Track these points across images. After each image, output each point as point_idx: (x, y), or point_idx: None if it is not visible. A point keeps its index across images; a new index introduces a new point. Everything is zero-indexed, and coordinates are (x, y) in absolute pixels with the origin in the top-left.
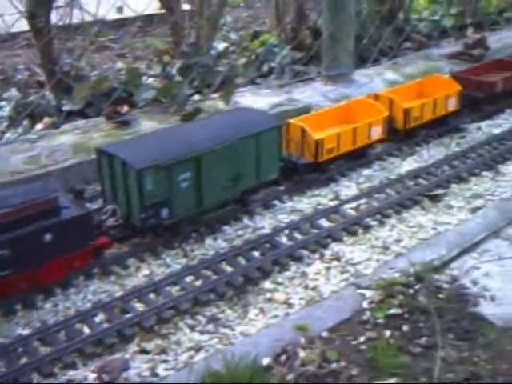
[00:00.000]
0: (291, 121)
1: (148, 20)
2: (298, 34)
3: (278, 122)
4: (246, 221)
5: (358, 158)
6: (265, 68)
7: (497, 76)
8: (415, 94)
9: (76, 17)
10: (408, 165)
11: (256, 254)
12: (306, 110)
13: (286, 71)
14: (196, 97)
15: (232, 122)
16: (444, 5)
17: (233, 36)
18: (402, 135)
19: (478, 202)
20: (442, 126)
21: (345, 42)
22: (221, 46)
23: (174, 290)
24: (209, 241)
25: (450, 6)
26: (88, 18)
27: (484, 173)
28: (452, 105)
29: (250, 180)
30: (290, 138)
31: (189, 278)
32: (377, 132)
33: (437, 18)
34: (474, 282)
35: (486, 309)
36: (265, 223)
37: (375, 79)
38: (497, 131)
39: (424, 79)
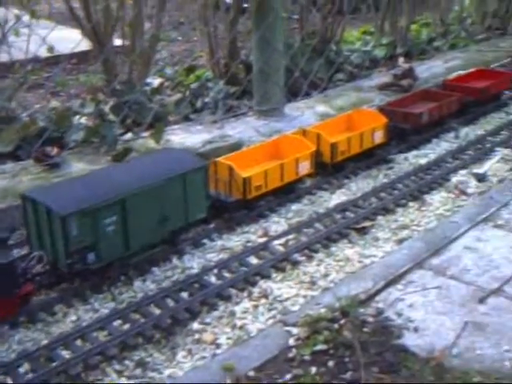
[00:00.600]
0: (219, 159)
1: (83, 56)
2: (230, 69)
3: (204, 162)
4: (175, 261)
5: (287, 193)
6: (199, 103)
7: (423, 107)
8: (343, 127)
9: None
10: (337, 198)
11: (184, 294)
12: (237, 145)
13: (220, 106)
14: (128, 136)
15: (157, 164)
16: (375, 35)
17: (168, 71)
18: (330, 169)
19: (404, 233)
20: (370, 158)
21: (274, 77)
22: (156, 81)
23: (102, 335)
24: (137, 283)
25: (381, 37)
26: (19, 57)
27: (410, 203)
28: (379, 137)
29: (177, 220)
30: (218, 176)
31: (117, 323)
32: (305, 167)
33: (368, 48)
34: (399, 314)
35: (410, 340)
36: (194, 263)
37: (306, 112)
38: (423, 161)
39: (352, 112)
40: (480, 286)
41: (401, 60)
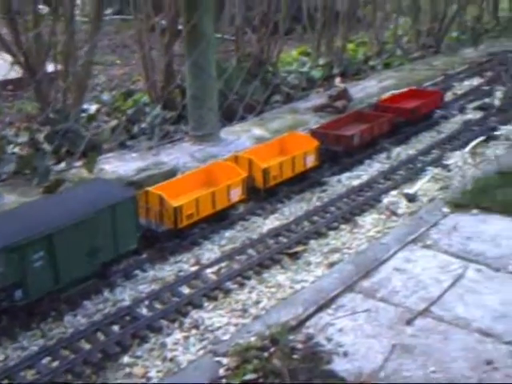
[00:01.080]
0: (149, 189)
1: (19, 82)
2: (166, 93)
3: (133, 193)
4: (106, 294)
5: (220, 219)
6: (135, 129)
7: (355, 129)
8: (276, 152)
9: None
10: (270, 223)
11: (116, 328)
12: (171, 172)
13: (156, 132)
14: (61, 166)
15: (87, 195)
16: (312, 56)
17: (105, 97)
18: (263, 194)
19: (336, 257)
20: (303, 182)
21: (208, 102)
22: (93, 107)
23: (30, 374)
24: (68, 318)
25: (318, 57)
26: None
27: (342, 226)
28: (311, 161)
29: (107, 253)
30: (150, 206)
31: (46, 360)
32: (236, 194)
33: (305, 69)
34: (329, 339)
35: (339, 365)
36: (125, 295)
37: (242, 136)
38: (356, 183)
39: (284, 137)
40: (408, 308)
41: (337, 80)
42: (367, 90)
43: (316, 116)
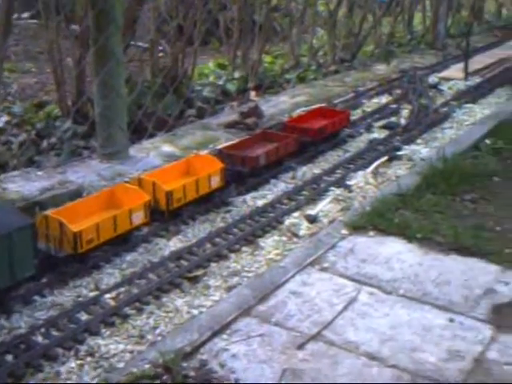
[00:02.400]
0: (48, 213)
1: None
2: (77, 107)
3: (30, 221)
4: (3, 321)
5: (123, 242)
6: (45, 144)
7: (261, 149)
8: (181, 173)
9: None
10: (173, 245)
11: (9, 357)
12: (77, 192)
13: (65, 148)
14: None
15: None
16: (228, 68)
17: (16, 108)
18: (167, 216)
19: (235, 280)
20: (208, 202)
21: (117, 120)
22: (3, 119)
23: None
24: None
25: (234, 70)
26: None
27: (244, 248)
28: (215, 182)
29: (2, 281)
30: (49, 230)
31: None
32: (139, 217)
33: (221, 82)
34: (222, 365)
35: None
36: (22, 322)
37: (152, 153)
38: (261, 203)
39: (189, 158)
40: (301, 332)
41: (252, 94)
42: (279, 105)
43: (227, 133)
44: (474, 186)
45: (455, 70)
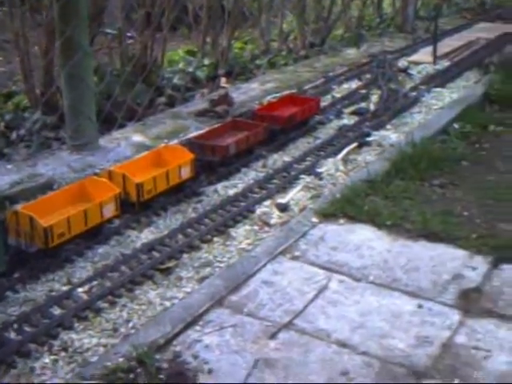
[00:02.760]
0: (18, 209)
1: None
2: (46, 97)
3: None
4: None
5: (94, 235)
6: (14, 135)
7: (230, 138)
8: (151, 164)
9: None
10: (144, 237)
11: None
12: (47, 185)
13: (34, 139)
14: None
15: None
16: (198, 55)
17: None
18: (138, 208)
19: (207, 271)
20: (179, 193)
21: (86, 111)
22: None
23: None
24: None
25: (204, 57)
26: None
27: (215, 238)
28: (186, 173)
29: None
30: (20, 226)
31: None
32: (109, 210)
33: (191, 69)
34: (195, 356)
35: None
36: None
37: (122, 144)
38: (232, 192)
39: (160, 149)
40: (273, 321)
41: (222, 80)
42: (250, 93)
43: (197, 121)
44: (442, 170)
45: (424, 54)
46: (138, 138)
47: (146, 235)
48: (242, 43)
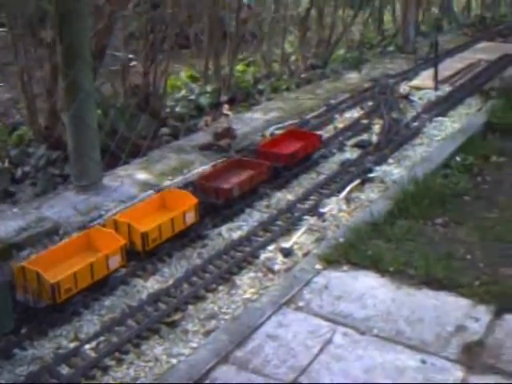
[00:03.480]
0: (25, 264)
1: None
2: (50, 131)
3: (8, 277)
4: None
5: (100, 286)
6: (19, 172)
7: (235, 179)
8: (155, 210)
9: None
10: (150, 286)
11: None
12: (53, 230)
13: (40, 177)
14: None
15: None
16: (201, 81)
17: None
18: (143, 256)
19: (212, 324)
20: (184, 237)
21: (91, 152)
22: None
23: None
24: None
25: (206, 84)
26: None
27: (220, 287)
28: (190, 218)
29: None
30: (27, 281)
31: None
32: (115, 261)
33: (193, 97)
34: None
35: None
36: (2, 380)
37: (126, 182)
38: (236, 235)
39: (164, 193)
40: (279, 379)
41: (225, 107)
42: (252, 123)
43: (201, 155)
44: (445, 208)
45: (425, 78)
46: (142, 175)
47: (152, 284)
48: (244, 65)
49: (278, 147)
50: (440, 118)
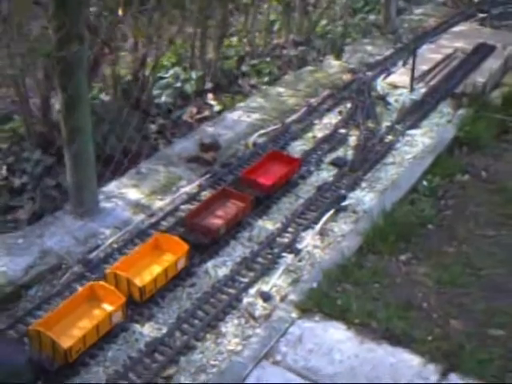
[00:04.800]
0: (41, 330)
1: None
2: (48, 136)
3: (26, 357)
4: None
5: (103, 338)
6: (17, 182)
7: (220, 214)
8: (150, 251)
9: None
10: (147, 333)
11: None
12: (58, 266)
13: (38, 193)
14: None
15: None
16: (187, 68)
17: None
18: (140, 306)
19: (202, 378)
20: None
21: (88, 185)
22: None
23: None
24: None
25: (192, 69)
26: None
27: (208, 335)
28: (182, 264)
29: None
30: (41, 346)
31: None
32: (117, 317)
33: (179, 84)
34: None
35: None
36: None
37: (119, 203)
38: (221, 272)
39: (157, 237)
40: None
41: (209, 97)
42: (236, 127)
43: (188, 169)
44: (409, 242)
45: (402, 74)
46: (133, 194)
47: (149, 331)
48: (228, 42)
49: (260, 174)
50: (412, 132)
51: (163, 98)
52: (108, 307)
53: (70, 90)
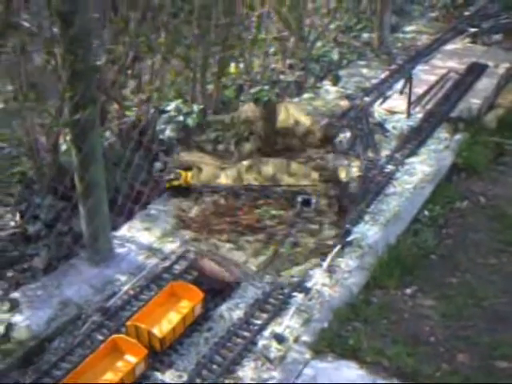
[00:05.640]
0: None
1: None
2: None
3: None
4: None
5: None
6: (31, 229)
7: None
8: (167, 298)
9: None
10: (168, 381)
11: None
12: (76, 317)
13: (52, 241)
14: None
15: None
16: (188, 102)
17: None
18: (160, 355)
19: None
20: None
21: (103, 235)
22: None
23: None
24: None
25: (193, 103)
26: None
27: (226, 381)
28: (198, 310)
29: None
30: None
31: None
32: (141, 368)
33: (181, 118)
34: None
35: None
36: None
37: (132, 248)
38: (235, 315)
39: (173, 284)
40: None
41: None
42: None
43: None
44: (413, 275)
45: (398, 99)
46: (145, 238)
47: (170, 379)
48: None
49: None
50: (411, 160)
51: (167, 133)
52: (131, 359)
53: (84, 150)
